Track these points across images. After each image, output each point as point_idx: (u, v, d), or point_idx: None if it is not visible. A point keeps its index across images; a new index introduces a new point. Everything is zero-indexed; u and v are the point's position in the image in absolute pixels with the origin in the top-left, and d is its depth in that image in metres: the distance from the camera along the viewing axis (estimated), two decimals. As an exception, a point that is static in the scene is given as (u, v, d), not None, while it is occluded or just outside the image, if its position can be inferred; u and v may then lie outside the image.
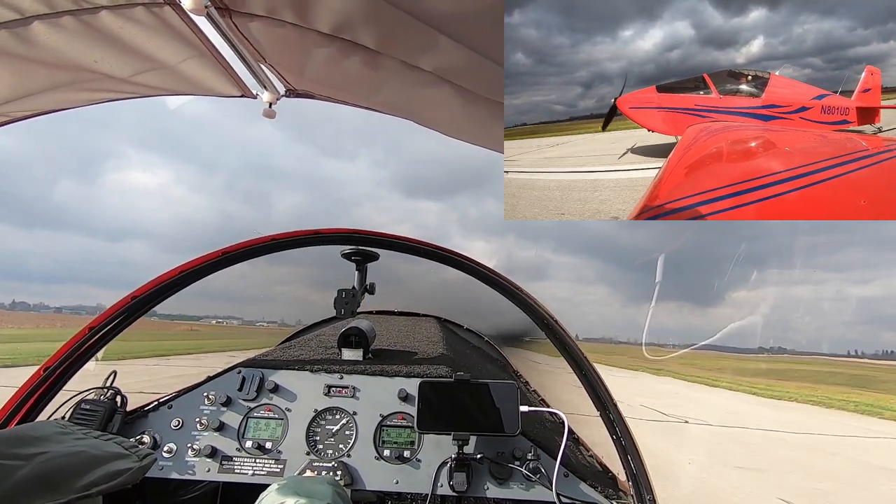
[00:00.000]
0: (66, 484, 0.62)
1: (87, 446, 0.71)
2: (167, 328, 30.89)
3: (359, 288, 1.75)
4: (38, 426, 0.72)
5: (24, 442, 0.64)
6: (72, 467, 0.65)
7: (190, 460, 1.44)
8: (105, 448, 0.73)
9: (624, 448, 1.45)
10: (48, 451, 0.64)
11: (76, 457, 0.67)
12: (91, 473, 0.66)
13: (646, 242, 4.24)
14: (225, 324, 67.10)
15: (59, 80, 1.40)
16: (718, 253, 24.54)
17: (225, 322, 68.04)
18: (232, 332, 45.48)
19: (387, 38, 1.34)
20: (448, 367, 1.70)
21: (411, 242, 1.56)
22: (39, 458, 0.62)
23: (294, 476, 1.36)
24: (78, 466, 0.66)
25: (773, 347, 73.41)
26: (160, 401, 1.55)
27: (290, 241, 1.53)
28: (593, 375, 1.51)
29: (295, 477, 1.16)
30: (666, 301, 18.34)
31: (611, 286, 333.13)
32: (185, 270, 1.50)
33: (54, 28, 1.21)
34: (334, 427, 1.52)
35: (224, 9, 1.24)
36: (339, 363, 1.67)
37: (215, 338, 34.83)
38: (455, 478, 1.41)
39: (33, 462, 0.61)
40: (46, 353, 1.41)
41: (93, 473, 0.66)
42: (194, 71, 1.48)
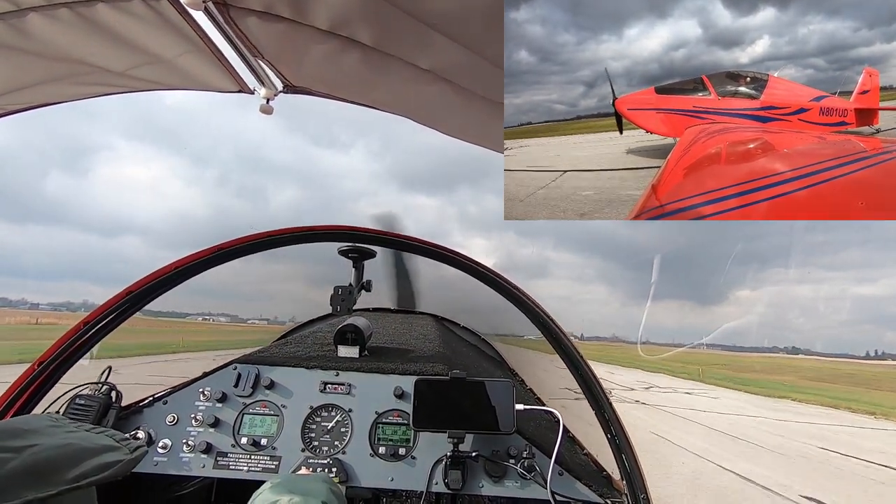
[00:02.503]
0: (57, 475, 0.62)
1: (77, 438, 0.71)
2: (150, 325, 30.13)
3: (355, 285, 1.75)
4: (30, 419, 0.72)
5: (14, 434, 0.64)
6: (62, 459, 0.65)
7: (185, 456, 1.44)
8: (96, 440, 0.73)
9: (618, 447, 1.45)
10: (39, 443, 0.64)
11: (66, 448, 0.67)
12: (81, 465, 0.66)
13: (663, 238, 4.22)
14: (212, 321, 66.25)
15: (55, 72, 1.39)
16: (741, 250, 24.39)
17: (212, 319, 67.14)
18: (215, 330, 44.40)
19: (385, 35, 1.33)
20: (444, 364, 1.71)
21: (408, 240, 1.55)
22: (30, 450, 0.62)
23: (288, 474, 1.36)
24: (68, 458, 0.66)
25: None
26: (155, 396, 1.55)
27: (285, 237, 1.53)
28: (588, 374, 1.51)
29: (289, 475, 1.16)
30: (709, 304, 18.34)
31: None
32: (180, 266, 1.49)
33: (50, 20, 1.20)
34: (330, 424, 1.52)
35: (221, 3, 1.24)
36: (335, 360, 1.67)
37: (196, 335, 33.96)
38: (450, 475, 1.41)
39: (24, 454, 0.61)
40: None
41: (83, 465, 0.66)
42: (191, 66, 1.47)
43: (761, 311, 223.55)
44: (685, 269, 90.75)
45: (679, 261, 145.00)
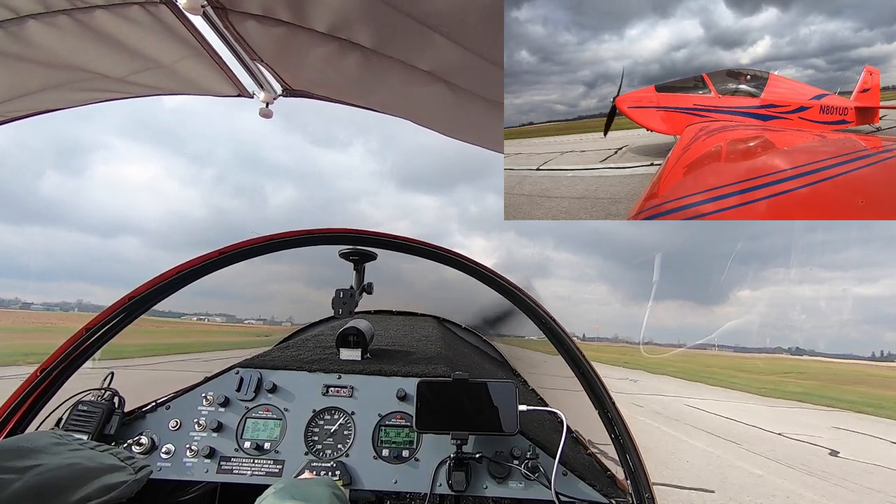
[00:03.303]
0: (61, 497, 0.62)
1: (82, 458, 0.70)
2: (140, 326, 29.47)
3: (357, 288, 1.74)
4: (33, 437, 0.72)
5: (18, 454, 0.63)
6: (66, 480, 0.65)
7: (188, 461, 1.44)
8: (100, 460, 0.73)
9: (622, 446, 1.45)
10: (42, 463, 0.64)
11: (70, 469, 0.66)
12: (85, 487, 0.66)
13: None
14: (207, 321, 65.52)
15: (55, 79, 1.39)
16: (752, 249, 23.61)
17: (207, 320, 66.43)
18: (208, 331, 43.71)
19: (384, 37, 1.33)
20: (446, 366, 1.70)
21: (409, 242, 1.55)
22: (34, 470, 0.62)
23: (291, 478, 1.36)
24: (72, 479, 0.65)
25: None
26: (158, 402, 1.54)
27: (287, 240, 1.52)
28: (591, 374, 1.51)
29: (292, 479, 1.16)
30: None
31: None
32: (182, 270, 1.49)
33: (49, 27, 1.20)
34: (332, 427, 1.52)
35: (220, 8, 1.24)
36: (337, 363, 1.67)
37: (185, 335, 33.07)
38: (454, 477, 1.41)
39: (27, 475, 0.60)
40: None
41: (87, 487, 0.66)
42: (190, 70, 1.47)
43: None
44: (691, 267, 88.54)
45: (686, 259, 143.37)
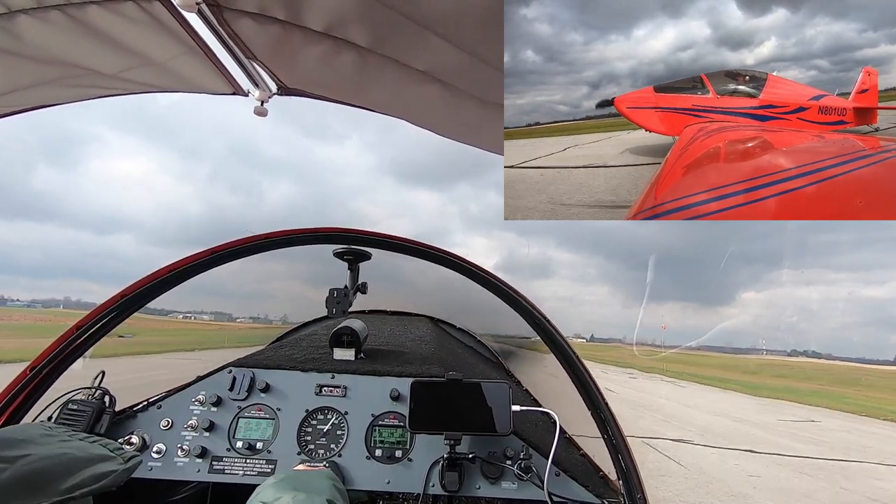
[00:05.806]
0: (50, 486, 0.62)
1: (71, 448, 0.70)
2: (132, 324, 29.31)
3: (351, 287, 1.74)
4: (22, 428, 0.71)
5: (7, 444, 0.63)
6: (55, 469, 0.64)
7: (179, 461, 1.43)
8: (90, 450, 0.73)
9: (615, 447, 1.44)
10: (32, 453, 0.64)
11: (60, 459, 0.66)
12: (75, 475, 0.65)
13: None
14: (193, 318, 65.13)
15: (47, 75, 1.38)
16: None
17: (193, 317, 66.06)
18: (194, 328, 43.26)
19: (380, 36, 1.32)
20: (440, 366, 1.70)
21: (404, 242, 1.54)
22: (23, 460, 0.61)
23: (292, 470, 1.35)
24: (62, 468, 0.65)
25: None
26: (149, 401, 1.54)
27: (281, 239, 1.52)
28: (584, 374, 1.50)
29: (293, 471, 1.14)
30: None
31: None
32: (175, 269, 1.48)
33: (41, 23, 1.20)
34: (326, 426, 1.51)
35: (215, 5, 1.23)
36: (330, 362, 1.66)
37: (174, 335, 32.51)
38: (447, 477, 1.40)
39: (16, 464, 0.60)
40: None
41: (77, 475, 0.66)
42: (185, 68, 1.46)
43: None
44: (700, 269, 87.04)
45: (695, 260, 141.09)
